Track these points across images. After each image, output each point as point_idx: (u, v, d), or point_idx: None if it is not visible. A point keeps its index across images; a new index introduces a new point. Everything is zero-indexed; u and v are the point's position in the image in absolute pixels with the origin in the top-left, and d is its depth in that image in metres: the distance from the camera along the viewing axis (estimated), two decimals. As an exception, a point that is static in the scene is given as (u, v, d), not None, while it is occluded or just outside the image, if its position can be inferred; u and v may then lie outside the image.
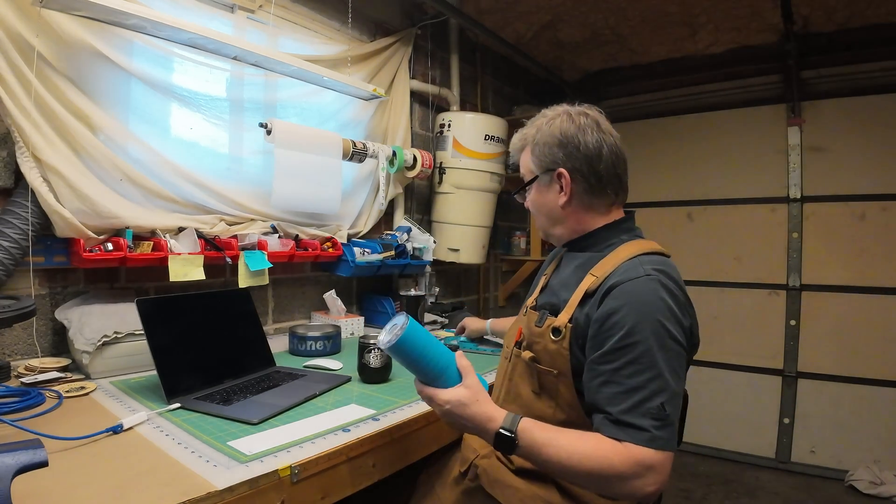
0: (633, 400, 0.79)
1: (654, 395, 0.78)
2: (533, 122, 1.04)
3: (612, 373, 0.82)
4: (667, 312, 0.83)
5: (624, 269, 0.88)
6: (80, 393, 1.07)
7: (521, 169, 1.06)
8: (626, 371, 0.80)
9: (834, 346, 2.73)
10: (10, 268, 1.19)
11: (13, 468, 0.55)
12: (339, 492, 0.87)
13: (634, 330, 0.81)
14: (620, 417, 0.79)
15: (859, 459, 2.61)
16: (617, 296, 0.85)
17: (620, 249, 0.95)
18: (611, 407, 0.80)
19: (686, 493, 2.57)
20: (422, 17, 2.35)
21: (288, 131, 1.69)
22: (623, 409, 0.79)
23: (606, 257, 0.95)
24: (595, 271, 0.93)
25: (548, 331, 0.93)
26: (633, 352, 0.80)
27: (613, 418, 0.80)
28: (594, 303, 0.88)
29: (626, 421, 0.78)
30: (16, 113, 1.15)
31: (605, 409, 0.81)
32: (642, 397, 0.78)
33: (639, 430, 0.77)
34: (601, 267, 0.93)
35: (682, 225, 3.17)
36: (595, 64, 3.22)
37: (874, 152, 2.64)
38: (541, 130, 1.01)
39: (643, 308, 0.83)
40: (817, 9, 2.48)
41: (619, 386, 0.81)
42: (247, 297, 1.39)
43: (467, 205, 2.39)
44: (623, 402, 0.79)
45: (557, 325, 0.92)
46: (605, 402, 0.81)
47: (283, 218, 1.78)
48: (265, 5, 1.73)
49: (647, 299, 0.83)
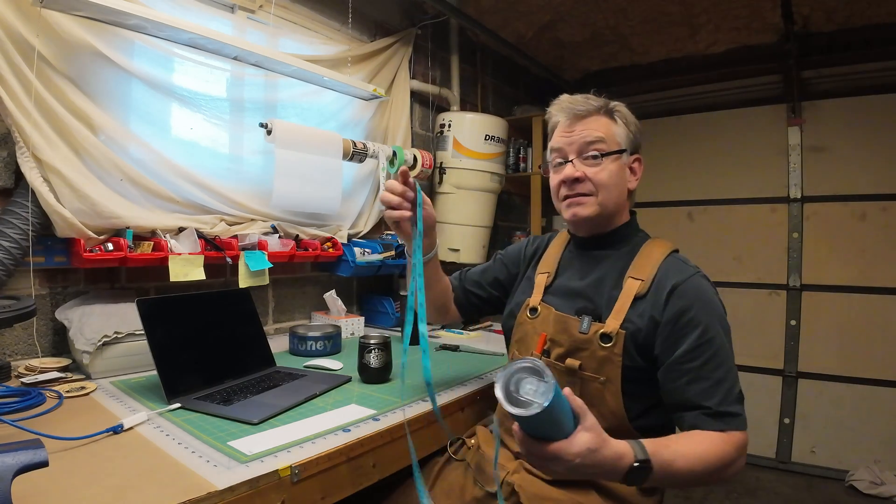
0: (723, 391, 0.85)
1: (734, 383, 0.87)
2: (597, 95, 1.02)
3: (699, 369, 0.86)
4: (721, 307, 0.92)
5: (673, 270, 0.93)
6: (81, 393, 1.07)
7: (599, 131, 0.98)
8: (711, 366, 0.86)
9: (834, 346, 2.73)
10: (10, 268, 1.19)
11: (13, 468, 0.55)
12: (339, 492, 0.87)
13: (709, 327, 0.87)
14: (719, 409, 0.84)
15: (860, 459, 2.60)
16: (682, 295, 0.90)
17: (648, 249, 0.99)
18: (707, 401, 0.85)
19: (686, 492, 2.57)
20: (422, 17, 2.35)
21: (288, 131, 1.69)
22: (718, 401, 0.84)
23: (639, 258, 0.97)
24: (636, 274, 0.95)
25: (595, 337, 0.92)
26: (713, 347, 0.87)
27: (712, 412, 0.84)
28: (656, 305, 0.91)
29: (724, 411, 0.84)
30: (16, 113, 1.15)
31: (702, 405, 0.85)
32: (728, 387, 0.86)
33: (735, 417, 0.84)
34: (640, 269, 0.95)
35: (682, 225, 3.17)
36: (595, 64, 3.22)
37: (874, 152, 2.64)
38: (621, 106, 1.02)
39: (709, 306, 0.90)
40: (817, 9, 2.48)
41: (708, 381, 0.86)
42: (247, 297, 1.39)
43: (467, 205, 2.39)
44: (715, 394, 0.85)
45: (607, 331, 0.91)
46: (700, 398, 0.85)
47: (283, 218, 1.78)
48: (265, 5, 1.73)
49: (708, 297, 0.91)
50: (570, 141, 0.99)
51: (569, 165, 0.99)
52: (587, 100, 1.00)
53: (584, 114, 0.99)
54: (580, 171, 0.98)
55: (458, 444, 1.11)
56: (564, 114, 1.00)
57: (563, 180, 1.00)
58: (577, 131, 0.99)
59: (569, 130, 1.00)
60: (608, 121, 1.00)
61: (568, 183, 0.99)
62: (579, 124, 0.99)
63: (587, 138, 0.98)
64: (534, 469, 0.93)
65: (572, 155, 0.99)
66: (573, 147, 0.99)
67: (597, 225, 1.02)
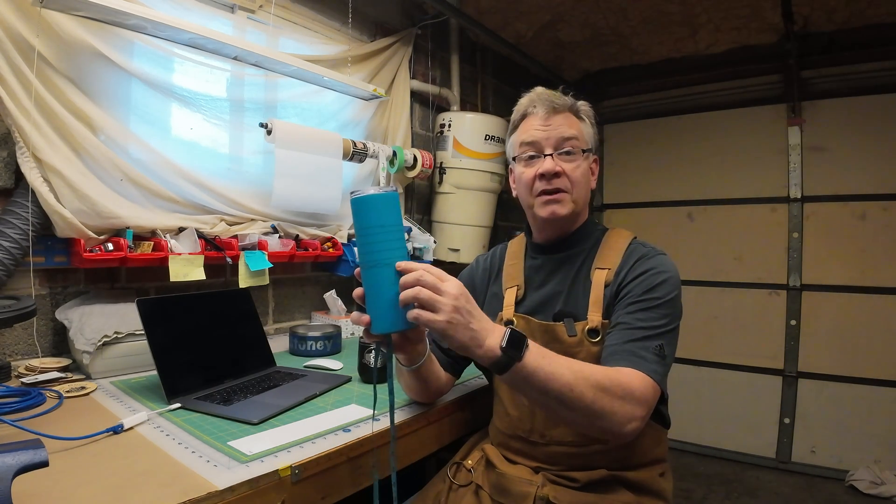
0: (648, 338, 0.87)
1: (663, 340, 0.87)
2: (567, 96, 1.02)
3: (640, 310, 0.89)
4: (679, 283, 0.94)
5: (637, 251, 0.96)
6: (81, 393, 1.07)
7: (570, 129, 0.98)
8: (653, 314, 0.89)
9: (834, 346, 2.72)
10: (10, 268, 1.19)
11: (14, 468, 0.55)
12: (339, 492, 0.87)
13: (667, 282, 0.91)
14: (632, 348, 0.86)
15: (860, 459, 2.60)
16: (646, 262, 0.94)
17: (611, 240, 1.00)
18: (628, 338, 0.87)
19: (686, 493, 2.57)
20: (422, 17, 2.35)
21: (288, 131, 1.69)
22: (637, 341, 0.87)
23: (603, 249, 0.99)
24: (602, 264, 0.97)
25: (584, 336, 0.93)
26: (663, 298, 0.89)
27: (626, 348, 0.86)
28: (620, 274, 0.94)
29: (635, 351, 0.85)
30: (16, 113, 1.15)
31: (623, 340, 0.87)
32: (655, 336, 0.87)
33: (643, 360, 0.85)
34: (605, 259, 0.97)
35: (682, 225, 3.17)
36: (595, 64, 3.22)
37: (874, 152, 2.64)
38: (585, 106, 1.02)
39: (671, 272, 0.93)
40: (817, 9, 2.48)
41: (642, 324, 0.88)
42: (247, 297, 1.39)
43: (467, 205, 2.38)
44: (637, 336, 0.87)
45: (593, 326, 0.92)
46: (625, 334, 0.88)
47: (283, 218, 1.78)
48: (265, 5, 1.73)
49: (671, 267, 0.94)
50: (547, 135, 0.98)
51: (548, 159, 0.97)
52: (561, 95, 1.01)
53: (561, 108, 0.99)
54: (559, 166, 0.97)
55: (455, 469, 1.05)
56: (543, 106, 0.99)
57: (541, 174, 0.98)
58: (554, 125, 0.98)
59: (546, 124, 0.98)
60: (575, 119, 1.01)
61: (547, 177, 0.97)
62: (555, 118, 0.98)
63: (564, 133, 0.97)
64: (559, 479, 0.93)
65: (549, 149, 0.98)
66: (550, 141, 0.98)
67: (566, 224, 1.02)
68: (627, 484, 0.93)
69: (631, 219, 3.32)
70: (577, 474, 0.92)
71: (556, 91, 1.02)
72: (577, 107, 1.02)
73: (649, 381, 0.82)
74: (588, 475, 0.92)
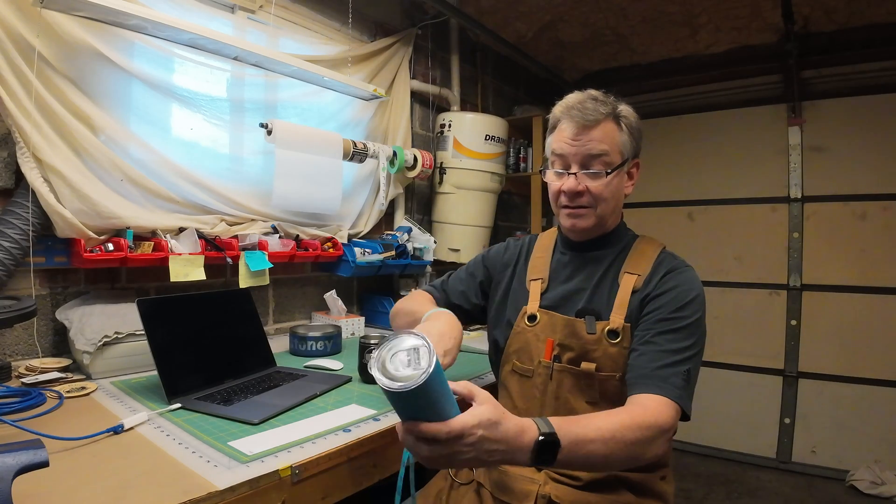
0: (674, 363, 0.87)
1: (689, 365, 0.88)
2: (605, 96, 0.97)
3: (664, 333, 0.90)
4: (704, 300, 0.96)
5: (667, 262, 0.98)
6: (81, 393, 1.07)
7: (605, 143, 0.95)
8: (679, 335, 0.90)
9: (835, 346, 2.72)
10: (10, 268, 1.19)
11: (14, 468, 0.55)
12: (339, 492, 0.87)
13: (693, 302, 0.92)
14: (661, 374, 0.86)
15: (860, 459, 2.60)
16: (674, 277, 0.95)
17: (641, 247, 1.02)
18: (654, 363, 0.88)
19: (687, 493, 2.56)
20: (422, 17, 2.35)
21: (288, 131, 1.69)
22: (663, 368, 0.87)
23: (633, 254, 1.00)
24: (631, 269, 0.98)
25: (603, 335, 0.94)
26: (688, 319, 0.91)
27: (652, 374, 0.86)
28: (648, 286, 0.95)
29: (663, 376, 0.85)
30: (16, 113, 1.16)
31: (648, 365, 0.87)
32: (681, 362, 0.88)
33: (670, 386, 0.85)
34: (635, 264, 0.98)
35: (682, 225, 3.16)
36: (595, 64, 3.22)
37: (874, 152, 2.64)
38: (627, 111, 0.99)
39: (697, 291, 0.94)
40: (817, 8, 2.48)
41: (667, 347, 0.89)
42: (247, 297, 1.39)
43: (468, 205, 2.39)
44: (664, 360, 0.87)
45: (614, 327, 0.93)
46: (650, 359, 0.88)
47: (283, 218, 1.78)
48: (265, 6, 1.73)
49: (698, 285, 0.96)
50: (575, 151, 0.96)
51: (571, 178, 0.96)
52: (596, 104, 0.95)
53: (593, 123, 0.95)
54: (582, 185, 0.96)
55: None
56: (573, 122, 0.96)
57: (564, 191, 0.98)
58: (584, 141, 0.95)
59: (575, 139, 0.96)
60: (614, 128, 0.96)
61: (569, 195, 0.98)
62: (586, 134, 0.95)
63: (592, 151, 0.95)
64: (561, 477, 0.93)
65: (575, 167, 0.97)
66: (577, 158, 0.96)
67: (590, 232, 1.03)
68: (629, 485, 0.94)
69: (631, 219, 3.25)
70: (579, 473, 0.92)
71: (594, 94, 0.98)
72: (616, 112, 0.97)
73: (675, 406, 0.83)
74: (590, 474, 0.92)
